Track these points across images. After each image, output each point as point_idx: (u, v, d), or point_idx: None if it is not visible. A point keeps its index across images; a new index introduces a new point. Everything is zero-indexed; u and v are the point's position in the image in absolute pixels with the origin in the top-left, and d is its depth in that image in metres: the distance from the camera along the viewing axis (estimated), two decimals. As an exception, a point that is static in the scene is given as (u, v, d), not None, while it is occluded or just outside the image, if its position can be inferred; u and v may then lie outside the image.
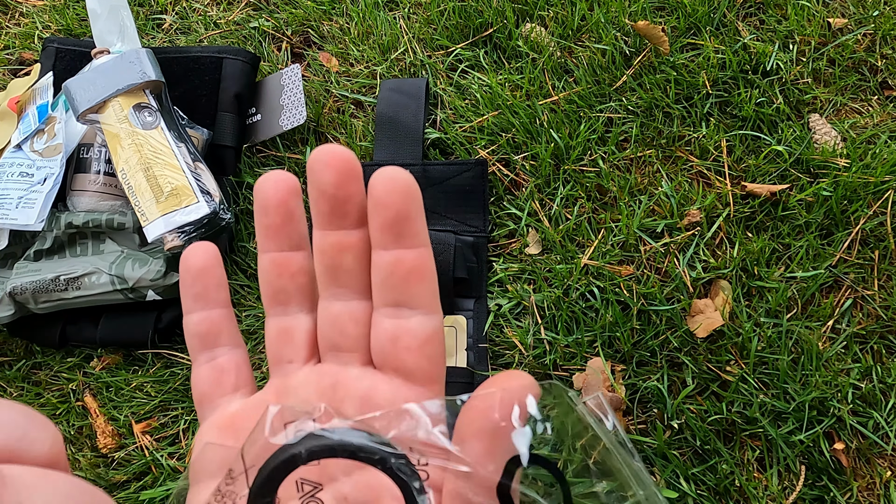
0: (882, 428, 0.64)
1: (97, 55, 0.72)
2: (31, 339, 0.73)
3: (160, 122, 0.69)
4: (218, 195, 0.70)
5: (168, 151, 0.68)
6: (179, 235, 0.66)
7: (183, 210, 0.66)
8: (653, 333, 0.68)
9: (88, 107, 0.68)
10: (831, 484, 0.63)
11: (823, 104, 0.78)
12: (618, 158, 0.76)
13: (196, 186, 0.68)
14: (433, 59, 0.83)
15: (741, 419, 0.65)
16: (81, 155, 0.73)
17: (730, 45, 0.80)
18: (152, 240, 0.67)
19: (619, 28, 0.82)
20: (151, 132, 0.68)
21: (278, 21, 0.87)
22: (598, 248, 0.72)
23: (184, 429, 0.70)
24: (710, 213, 0.73)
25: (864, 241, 0.72)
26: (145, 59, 0.70)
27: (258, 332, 0.72)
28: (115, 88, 0.68)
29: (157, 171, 0.67)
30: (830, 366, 0.67)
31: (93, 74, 0.68)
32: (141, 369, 0.72)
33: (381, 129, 0.77)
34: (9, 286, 0.68)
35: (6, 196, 0.70)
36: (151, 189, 0.67)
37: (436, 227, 0.73)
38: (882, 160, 0.73)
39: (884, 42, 0.81)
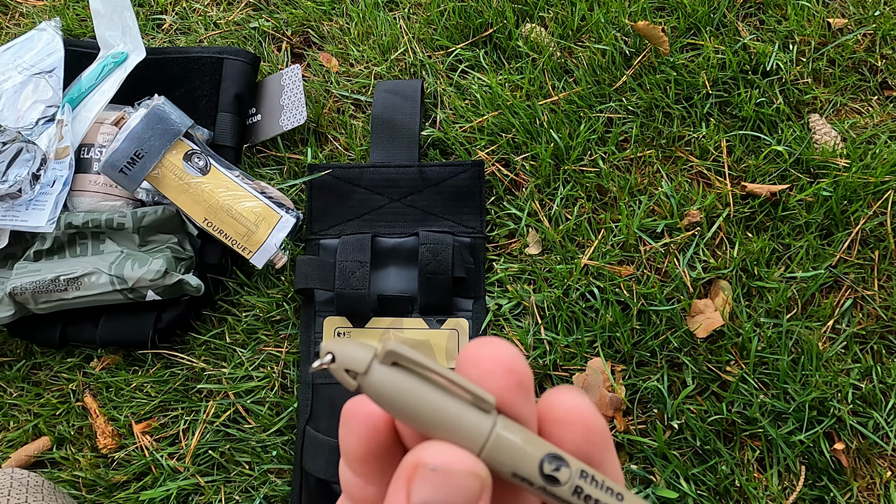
0: (882, 428, 0.64)
1: (118, 122, 0.72)
2: (31, 339, 0.73)
3: (211, 161, 0.71)
4: (286, 199, 0.74)
5: (234, 185, 0.71)
6: (282, 252, 0.72)
7: (275, 232, 0.71)
8: (653, 333, 0.68)
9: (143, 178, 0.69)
10: (831, 484, 0.63)
11: (823, 104, 0.78)
12: (618, 158, 0.76)
13: (272, 204, 0.72)
14: (433, 59, 0.83)
15: (741, 419, 0.65)
16: (82, 155, 0.73)
17: (730, 45, 0.80)
18: (261, 266, 0.72)
19: (619, 28, 0.82)
20: (210, 174, 0.70)
21: (278, 21, 0.87)
22: (598, 248, 0.72)
23: (184, 429, 0.70)
24: (710, 213, 0.73)
25: (864, 241, 0.72)
26: (170, 107, 0.70)
27: (258, 332, 0.72)
28: (161, 150, 0.69)
29: (239, 208, 0.71)
30: (830, 366, 0.67)
31: (128, 144, 0.68)
32: (141, 369, 0.72)
33: (377, 131, 0.77)
34: (9, 286, 0.68)
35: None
36: (243, 225, 0.70)
37: (433, 228, 0.73)
38: (882, 160, 0.73)
39: (884, 42, 0.81)
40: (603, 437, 0.17)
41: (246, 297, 0.73)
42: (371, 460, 0.18)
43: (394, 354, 0.16)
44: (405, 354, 0.16)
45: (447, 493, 0.15)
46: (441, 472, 0.15)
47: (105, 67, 0.75)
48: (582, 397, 0.17)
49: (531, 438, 0.16)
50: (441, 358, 0.69)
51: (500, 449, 0.16)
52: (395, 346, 0.16)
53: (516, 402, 0.17)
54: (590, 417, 0.17)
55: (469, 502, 0.15)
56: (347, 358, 0.16)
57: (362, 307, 0.69)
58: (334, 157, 0.79)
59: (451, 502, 0.15)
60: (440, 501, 0.15)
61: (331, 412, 0.67)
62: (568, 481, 0.16)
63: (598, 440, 0.17)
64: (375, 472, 0.18)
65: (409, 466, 0.16)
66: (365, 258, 0.70)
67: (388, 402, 0.16)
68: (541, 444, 0.16)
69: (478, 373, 0.17)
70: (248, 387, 0.70)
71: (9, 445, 0.71)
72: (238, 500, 0.67)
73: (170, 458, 0.68)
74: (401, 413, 0.16)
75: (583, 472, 0.16)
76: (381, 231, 0.73)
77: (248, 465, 0.68)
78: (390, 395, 0.16)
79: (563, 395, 0.17)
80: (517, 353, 0.17)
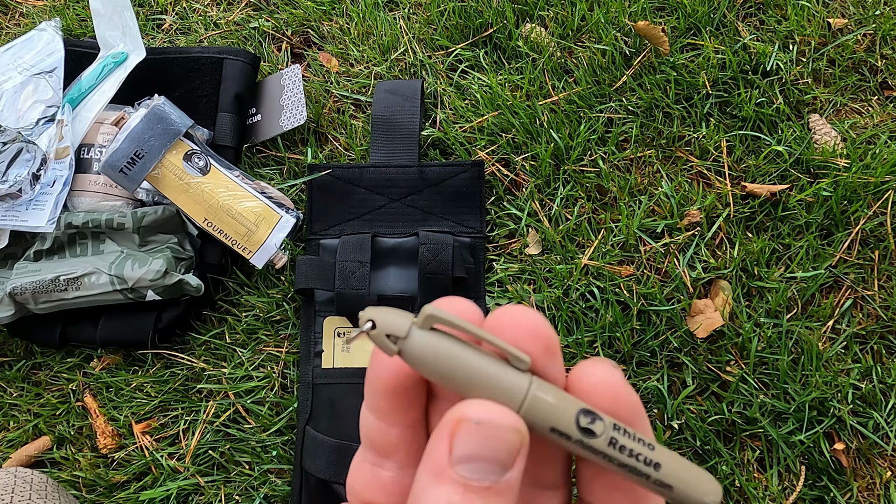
0: (882, 428, 0.64)
1: (118, 122, 0.72)
2: (31, 339, 0.73)
3: (211, 161, 0.71)
4: (286, 199, 0.73)
5: (234, 185, 0.71)
6: (282, 251, 0.72)
7: (275, 232, 0.71)
8: (653, 334, 0.68)
9: (143, 178, 0.69)
10: (831, 484, 0.63)
11: (823, 104, 0.78)
12: (618, 158, 0.76)
13: (272, 204, 0.72)
14: (433, 59, 0.83)
15: (741, 419, 0.65)
16: (82, 155, 0.73)
17: (730, 45, 0.80)
18: (261, 266, 0.71)
19: (619, 28, 0.82)
20: (210, 174, 0.70)
21: (278, 21, 0.87)
22: (598, 248, 0.72)
23: (184, 429, 0.70)
24: (710, 213, 0.73)
25: (864, 242, 0.72)
26: (170, 107, 0.70)
27: (258, 332, 0.72)
28: (161, 150, 0.69)
29: (239, 208, 0.70)
30: (830, 366, 0.67)
31: (128, 144, 0.68)
32: (141, 369, 0.72)
33: (377, 131, 0.77)
34: (9, 286, 0.68)
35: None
36: (243, 225, 0.70)
37: (433, 228, 0.73)
38: (882, 160, 0.73)
39: (884, 42, 0.81)
40: (633, 410, 0.18)
41: (246, 297, 0.73)
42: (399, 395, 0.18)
43: (433, 318, 0.17)
44: (444, 318, 0.17)
45: (489, 447, 0.16)
46: (485, 426, 0.16)
47: (105, 67, 0.75)
48: (613, 370, 0.18)
49: (565, 396, 0.17)
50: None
51: (537, 406, 0.17)
52: (433, 311, 0.17)
53: (545, 366, 0.17)
54: (619, 390, 0.17)
55: (510, 457, 0.16)
56: (388, 323, 0.17)
57: (362, 307, 0.69)
58: (334, 157, 0.79)
59: (492, 456, 0.16)
60: (482, 455, 0.16)
61: (331, 412, 0.67)
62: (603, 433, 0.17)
63: (626, 413, 0.18)
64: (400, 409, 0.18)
65: (453, 421, 0.16)
66: (365, 258, 0.70)
67: (428, 364, 0.17)
68: (574, 400, 0.17)
69: (506, 339, 0.17)
70: (248, 387, 0.70)
71: (9, 445, 0.71)
72: (238, 500, 0.67)
73: (170, 458, 0.68)
74: (440, 375, 0.17)
75: (615, 425, 0.17)
76: (381, 231, 0.73)
77: (248, 465, 0.68)
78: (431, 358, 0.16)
79: (594, 367, 0.18)
80: (542, 319, 0.17)
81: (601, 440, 0.17)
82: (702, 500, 0.17)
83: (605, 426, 0.17)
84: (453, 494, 0.16)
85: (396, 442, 0.19)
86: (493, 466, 0.16)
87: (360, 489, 0.20)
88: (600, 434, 0.17)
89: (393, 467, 0.19)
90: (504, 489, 0.16)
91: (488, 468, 0.16)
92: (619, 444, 0.17)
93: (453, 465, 0.16)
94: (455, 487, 0.16)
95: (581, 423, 0.17)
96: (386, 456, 0.19)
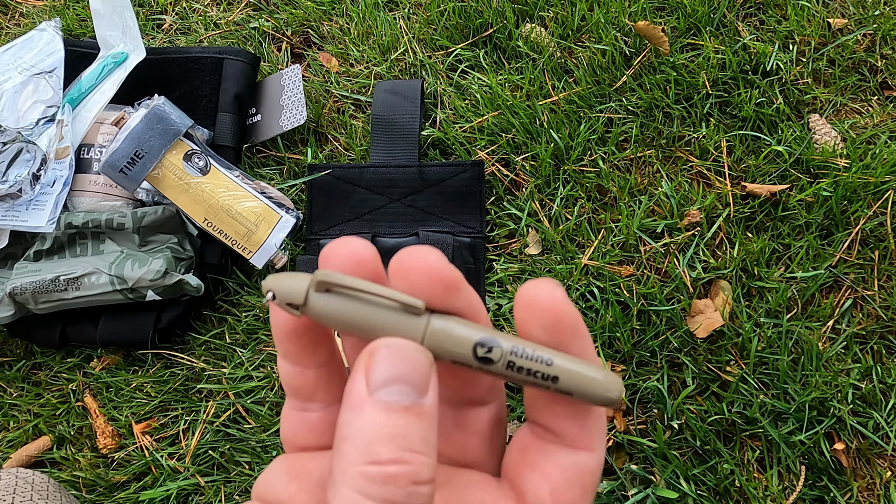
0: (882, 428, 0.64)
1: (118, 122, 0.72)
2: (31, 339, 0.73)
3: (211, 161, 0.71)
4: (286, 199, 0.74)
5: (234, 185, 0.71)
6: (282, 251, 0.72)
7: (275, 232, 0.71)
8: (653, 334, 0.68)
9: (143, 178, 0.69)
10: (831, 484, 0.63)
11: (823, 104, 0.78)
12: (618, 158, 0.76)
13: (272, 204, 0.72)
14: (433, 59, 0.83)
15: (741, 419, 0.65)
16: (82, 155, 0.73)
17: (730, 45, 0.80)
18: (261, 266, 0.72)
19: (619, 28, 0.82)
20: (210, 174, 0.70)
21: (278, 21, 0.87)
22: (598, 248, 0.72)
23: (184, 429, 0.70)
24: (710, 213, 0.73)
25: (864, 242, 0.72)
26: (170, 107, 0.70)
27: (258, 332, 0.72)
28: (161, 150, 0.69)
29: (239, 208, 0.71)
30: (830, 366, 0.67)
31: (128, 144, 0.68)
32: (141, 369, 0.72)
33: (376, 131, 0.77)
34: (9, 286, 0.68)
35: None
36: (243, 225, 0.70)
37: (433, 228, 0.73)
38: (882, 160, 0.73)
39: (884, 42, 0.81)
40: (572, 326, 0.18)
41: (246, 297, 0.73)
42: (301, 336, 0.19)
43: (325, 283, 0.18)
44: (334, 281, 0.18)
45: (403, 368, 0.17)
46: (394, 349, 0.17)
47: (105, 67, 0.75)
48: (553, 287, 0.18)
49: (463, 329, 0.18)
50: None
51: (435, 342, 0.18)
52: (324, 275, 0.18)
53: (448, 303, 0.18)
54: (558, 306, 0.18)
55: (423, 378, 0.17)
56: (286, 292, 0.18)
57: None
58: (334, 157, 0.79)
59: (407, 376, 0.17)
60: (398, 376, 0.17)
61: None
62: (500, 359, 0.18)
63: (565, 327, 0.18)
64: (307, 349, 0.20)
65: (365, 354, 0.17)
66: (365, 258, 0.70)
67: (330, 323, 0.18)
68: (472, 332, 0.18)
69: (406, 283, 0.18)
70: (248, 387, 0.70)
71: (9, 445, 0.71)
72: (238, 500, 0.67)
73: (170, 458, 0.68)
74: (345, 329, 0.18)
75: (513, 349, 0.18)
76: (381, 231, 0.73)
77: (248, 465, 0.68)
78: (331, 318, 0.18)
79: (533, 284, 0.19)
80: (440, 258, 0.18)
81: (499, 365, 0.18)
82: (605, 395, 0.18)
83: (502, 353, 0.18)
84: (377, 417, 0.16)
85: (314, 382, 0.20)
86: (409, 388, 0.17)
87: (292, 436, 0.21)
88: (497, 360, 0.18)
89: (317, 408, 0.20)
90: (424, 412, 0.17)
91: (405, 389, 0.17)
92: (517, 366, 0.18)
93: (373, 393, 0.17)
94: (378, 411, 0.17)
95: (478, 353, 0.18)
96: (309, 398, 0.20)
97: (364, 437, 0.16)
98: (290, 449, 0.21)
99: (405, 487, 0.16)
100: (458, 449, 0.21)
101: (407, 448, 0.16)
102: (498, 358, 0.18)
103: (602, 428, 0.20)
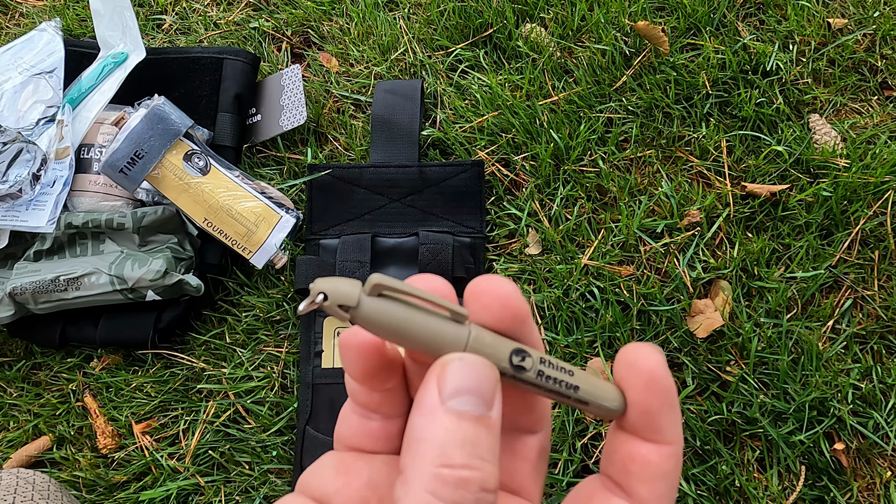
0: (882, 428, 0.64)
1: (118, 122, 0.71)
2: (31, 339, 0.73)
3: (211, 161, 0.71)
4: (286, 199, 0.73)
5: (234, 185, 0.71)
6: (282, 251, 0.72)
7: (275, 232, 0.71)
8: (653, 333, 0.68)
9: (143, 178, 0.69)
10: (831, 484, 0.63)
11: (823, 104, 0.78)
12: (618, 158, 0.76)
13: (272, 204, 0.72)
14: (433, 59, 0.83)
15: (741, 419, 0.65)
16: (82, 155, 0.73)
17: (730, 45, 0.80)
18: (261, 266, 0.71)
19: (619, 28, 0.82)
20: (210, 174, 0.70)
21: (278, 21, 0.87)
22: (598, 248, 0.72)
23: (184, 429, 0.70)
24: (710, 213, 0.73)
25: (864, 242, 0.72)
26: (170, 107, 0.70)
27: (258, 332, 0.72)
28: (161, 150, 0.69)
29: (239, 208, 0.70)
30: (830, 366, 0.67)
31: (128, 144, 0.68)
32: (141, 369, 0.72)
33: (376, 131, 0.77)
34: (9, 286, 0.68)
35: None
36: (243, 225, 0.70)
37: (433, 228, 0.73)
38: (882, 160, 0.73)
39: (884, 42, 0.81)
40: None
41: (246, 297, 0.73)
42: (370, 378, 0.20)
43: (379, 286, 0.18)
44: (389, 284, 0.18)
45: (474, 380, 0.18)
46: (466, 362, 0.18)
47: (105, 67, 0.75)
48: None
49: (500, 340, 0.19)
50: (441, 358, 0.69)
51: (477, 348, 0.19)
52: (379, 279, 0.18)
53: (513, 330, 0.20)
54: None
55: (490, 390, 0.18)
56: (339, 294, 0.18)
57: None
58: (334, 157, 0.79)
59: (477, 387, 0.18)
60: (469, 387, 0.18)
61: (331, 412, 0.67)
62: (532, 368, 0.19)
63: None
64: (375, 384, 0.21)
65: (438, 366, 0.18)
66: (365, 258, 0.70)
67: (379, 328, 0.18)
68: (509, 343, 0.19)
69: (479, 307, 0.19)
70: (248, 387, 0.70)
71: (9, 445, 0.71)
72: (238, 500, 0.67)
73: (170, 458, 0.68)
74: (391, 335, 0.19)
75: (542, 359, 0.20)
76: (381, 231, 0.73)
77: (248, 465, 0.68)
78: (380, 321, 0.18)
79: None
80: (514, 289, 0.19)
81: (531, 373, 0.19)
82: (611, 406, 0.20)
83: (533, 361, 0.19)
84: (450, 424, 0.17)
85: (380, 400, 0.21)
86: (479, 399, 0.18)
87: (349, 436, 0.22)
88: (530, 369, 0.19)
89: (378, 418, 0.21)
90: (491, 423, 0.18)
91: (475, 401, 0.18)
92: (546, 374, 0.20)
93: (445, 402, 0.18)
94: (451, 418, 0.17)
95: (514, 361, 0.19)
96: (373, 410, 0.21)
97: (438, 440, 0.17)
98: (342, 447, 0.22)
99: (475, 493, 0.17)
100: (508, 473, 0.22)
101: (477, 455, 0.17)
102: (530, 367, 0.19)
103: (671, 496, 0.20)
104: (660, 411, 0.19)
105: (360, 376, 0.20)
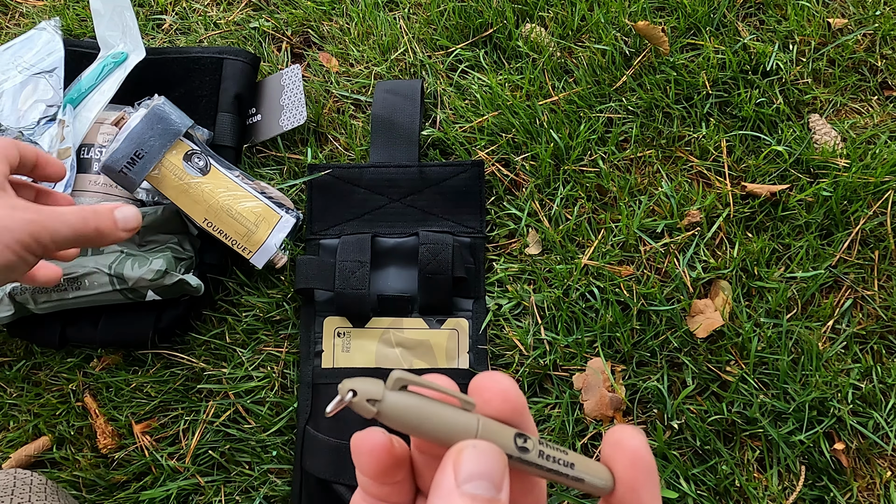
0: (882, 428, 0.64)
1: (118, 122, 0.71)
2: (30, 339, 0.73)
3: (211, 161, 0.71)
4: (286, 199, 0.74)
5: (234, 185, 0.71)
6: (282, 251, 0.72)
7: (275, 232, 0.71)
8: (653, 334, 0.68)
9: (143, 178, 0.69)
10: (831, 484, 0.63)
11: (823, 104, 0.78)
12: (618, 158, 0.76)
13: (272, 204, 0.72)
14: (433, 59, 0.83)
15: (741, 419, 0.65)
16: (82, 155, 0.73)
17: (730, 45, 0.80)
18: (261, 266, 0.72)
19: (619, 28, 0.82)
20: (210, 174, 0.70)
21: (278, 21, 0.87)
22: (598, 248, 0.72)
23: (184, 429, 0.70)
24: (710, 213, 0.73)
25: (864, 242, 0.72)
26: (170, 107, 0.70)
27: (258, 332, 0.72)
28: (161, 150, 0.68)
29: (239, 208, 0.70)
30: (830, 366, 0.67)
31: (128, 144, 0.68)
32: (141, 369, 0.72)
33: (376, 131, 0.77)
34: (9, 286, 0.68)
35: None
36: (243, 225, 0.70)
37: (433, 228, 0.73)
38: (882, 160, 0.73)
39: (884, 42, 0.81)
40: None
41: (246, 297, 0.73)
42: (381, 476, 0.23)
43: (401, 381, 0.21)
44: (410, 378, 0.21)
45: (486, 465, 0.20)
46: (480, 448, 0.20)
47: (105, 67, 0.75)
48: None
49: (503, 426, 0.22)
50: (441, 357, 0.69)
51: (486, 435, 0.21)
52: (400, 374, 0.21)
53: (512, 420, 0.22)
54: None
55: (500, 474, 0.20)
56: (366, 390, 0.20)
57: (362, 307, 0.69)
58: (334, 157, 0.79)
59: (489, 472, 0.20)
60: (482, 471, 0.20)
61: (331, 412, 0.67)
62: (534, 448, 0.22)
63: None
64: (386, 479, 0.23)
65: (454, 452, 0.20)
66: (365, 258, 0.70)
67: (399, 418, 0.20)
68: (510, 429, 0.22)
69: (481, 401, 0.22)
70: (248, 387, 0.70)
71: (9, 445, 0.71)
72: (238, 500, 0.67)
73: (170, 458, 0.68)
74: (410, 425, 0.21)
75: (540, 440, 0.22)
76: (381, 231, 0.73)
77: (248, 465, 0.68)
78: (401, 412, 0.20)
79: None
80: (512, 385, 0.22)
81: (533, 454, 0.21)
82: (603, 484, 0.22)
83: (534, 443, 0.22)
84: None
85: (388, 492, 0.23)
86: (490, 484, 0.20)
87: None
88: (532, 449, 0.22)
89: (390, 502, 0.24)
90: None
91: (487, 485, 0.20)
92: (546, 454, 0.22)
93: (460, 486, 0.20)
94: (464, 500, 0.19)
95: (517, 443, 0.21)
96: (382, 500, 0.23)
97: None
98: None
99: None
100: None
101: None
102: (532, 447, 0.22)
103: None
104: (644, 486, 0.22)
105: (373, 474, 0.22)
